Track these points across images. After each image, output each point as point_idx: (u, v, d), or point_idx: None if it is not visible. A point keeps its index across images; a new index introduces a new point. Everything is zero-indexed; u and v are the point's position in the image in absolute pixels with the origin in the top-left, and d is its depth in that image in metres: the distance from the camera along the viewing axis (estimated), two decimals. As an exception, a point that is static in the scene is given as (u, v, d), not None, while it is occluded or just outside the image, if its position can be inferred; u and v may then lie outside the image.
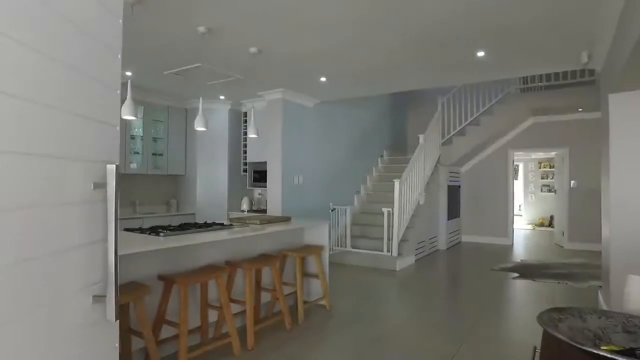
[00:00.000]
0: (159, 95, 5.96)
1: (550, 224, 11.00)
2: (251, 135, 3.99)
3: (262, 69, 4.60)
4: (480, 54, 3.98)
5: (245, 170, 6.82)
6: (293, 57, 4.17)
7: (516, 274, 5.52)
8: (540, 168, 11.60)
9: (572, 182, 7.60)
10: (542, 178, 11.53)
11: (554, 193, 9.46)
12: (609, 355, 1.35)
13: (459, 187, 8.55)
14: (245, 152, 6.76)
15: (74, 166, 1.09)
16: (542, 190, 11.50)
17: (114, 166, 1.17)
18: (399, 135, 9.56)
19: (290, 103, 5.91)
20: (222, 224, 3.64)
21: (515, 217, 8.55)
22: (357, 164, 7.69)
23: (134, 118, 3.06)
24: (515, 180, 9.12)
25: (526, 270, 5.75)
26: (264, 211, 6.22)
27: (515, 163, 10.58)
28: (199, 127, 3.30)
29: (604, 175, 3.72)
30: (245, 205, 6.49)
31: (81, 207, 1.11)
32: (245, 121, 6.66)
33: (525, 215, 11.68)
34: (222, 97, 6.20)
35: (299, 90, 5.74)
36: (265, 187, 6.15)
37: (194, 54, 4.03)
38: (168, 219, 5.96)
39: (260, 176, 6.37)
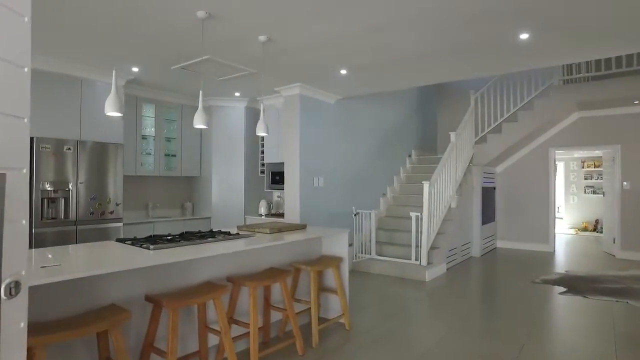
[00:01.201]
0: (171, 92, 5.67)
1: (596, 229, 10.11)
2: (260, 133, 3.59)
3: (275, 61, 4.20)
4: (524, 35, 3.42)
5: (263, 172, 6.45)
6: (308, 46, 3.74)
7: (563, 289, 4.89)
8: (583, 167, 10.70)
9: (625, 183, 6.83)
10: (586, 178, 10.62)
11: (601, 195, 8.63)
12: None
13: (494, 188, 7.89)
14: (262, 152, 6.39)
15: None
16: (585, 191, 10.60)
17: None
18: (428, 133, 8.97)
19: (309, 99, 5.49)
20: (227, 233, 3.25)
21: (555, 220, 7.80)
22: (382, 164, 7.19)
23: (118, 114, 2.71)
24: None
25: (574, 284, 5.10)
26: (283, 215, 5.83)
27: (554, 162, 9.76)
28: (199, 125, 2.93)
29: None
30: (263, 209, 6.12)
31: None
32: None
33: (567, 218, 10.81)
34: (237, 94, 5.85)
35: (318, 85, 5.30)
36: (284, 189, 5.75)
37: (198, 45, 3.66)
38: (181, 224, 5.66)
39: (278, 178, 5.98)
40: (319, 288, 3.72)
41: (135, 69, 4.46)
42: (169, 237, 2.98)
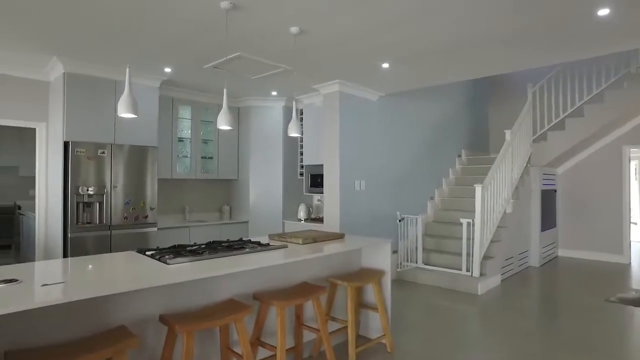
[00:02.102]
0: (206, 93, 5.52)
1: (676, 236, 8.97)
2: (293, 134, 3.30)
3: (310, 56, 3.89)
4: (603, 11, 2.88)
5: (302, 174, 6.18)
6: (345, 37, 3.39)
7: (644, 309, 4.21)
8: (660, 167, 9.55)
9: None
10: (663, 179, 9.47)
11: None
12: None
13: (555, 191, 7.14)
14: (301, 153, 6.11)
15: None
16: (662, 194, 9.44)
17: None
18: (479, 131, 8.32)
19: (350, 96, 5.14)
20: (258, 243, 2.99)
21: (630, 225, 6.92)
22: (430, 165, 6.69)
23: (132, 115, 2.51)
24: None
25: (657, 303, 4.38)
26: (324, 220, 5.52)
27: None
28: (223, 125, 2.69)
29: None
30: (302, 213, 5.85)
31: None
32: (302, 119, 6.02)
33: (641, 224, 9.69)
34: (274, 93, 5.61)
35: (358, 82, 4.94)
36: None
37: (227, 40, 3.43)
38: (217, 229, 5.50)
39: (318, 181, 5.68)
40: (358, 304, 3.37)
41: (167, 69, 4.32)
42: (193, 247, 2.76)
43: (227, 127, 2.69)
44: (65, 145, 4.03)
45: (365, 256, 3.53)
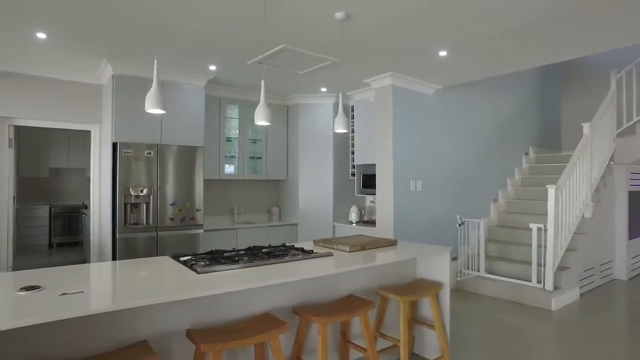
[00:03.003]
0: (254, 91, 5.39)
1: None
2: (339, 130, 3.02)
3: (359, 45, 3.58)
4: None
5: (353, 174, 5.87)
6: (396, 21, 3.05)
7: None
8: None
9: None
10: None
11: None
12: None
13: (644, 192, 6.24)
14: (353, 152, 5.81)
15: None
16: None
17: None
18: (550, 126, 7.52)
19: (404, 90, 4.76)
20: (301, 250, 2.74)
21: None
22: (493, 164, 6.11)
23: (160, 112, 2.35)
24: None
25: None
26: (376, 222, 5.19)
27: None
28: (260, 122, 2.48)
29: None
30: (354, 215, 5.55)
31: None
32: (353, 116, 5.71)
33: None
34: (323, 90, 5.36)
35: (413, 74, 4.55)
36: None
37: (269, 33, 3.22)
38: (265, 231, 5.35)
39: (371, 181, 5.34)
40: (412, 319, 3.02)
41: (212, 67, 4.21)
42: (231, 253, 2.57)
43: (265, 123, 2.47)
44: (114, 146, 4.04)
45: (421, 265, 3.16)
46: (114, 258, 4.01)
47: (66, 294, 1.66)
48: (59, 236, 8.11)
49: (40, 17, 2.91)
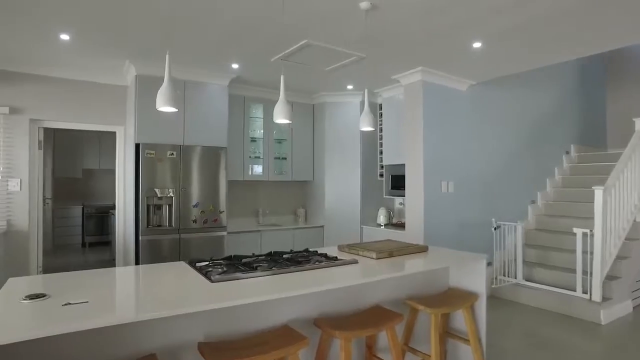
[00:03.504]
0: (279, 91, 5.26)
1: None
2: (365, 127, 2.84)
3: (386, 38, 3.38)
4: None
5: (382, 175, 5.65)
6: (424, 8, 2.83)
7: None
8: None
9: None
10: None
11: None
12: None
13: (702, 194, 5.68)
14: (381, 152, 5.58)
15: None
16: None
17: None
18: (594, 122, 7.03)
19: (434, 86, 4.51)
20: (324, 256, 2.57)
21: None
22: (531, 164, 5.74)
23: (172, 109, 2.23)
24: None
25: None
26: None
27: None
28: (280, 119, 2.34)
29: None
30: (382, 218, 5.33)
31: None
32: (381, 115, 5.49)
33: None
34: (350, 87, 5.17)
35: (444, 68, 4.30)
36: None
37: (289, 28, 3.06)
38: (290, 234, 5.21)
39: (400, 182, 5.11)
40: (444, 331, 2.79)
41: (235, 66, 4.11)
42: (250, 259, 2.43)
43: (285, 121, 2.32)
44: (137, 147, 4.01)
45: (454, 273, 2.92)
46: (136, 260, 3.97)
47: (70, 304, 1.56)
48: (92, 235, 8.30)
49: (60, 17, 2.87)
